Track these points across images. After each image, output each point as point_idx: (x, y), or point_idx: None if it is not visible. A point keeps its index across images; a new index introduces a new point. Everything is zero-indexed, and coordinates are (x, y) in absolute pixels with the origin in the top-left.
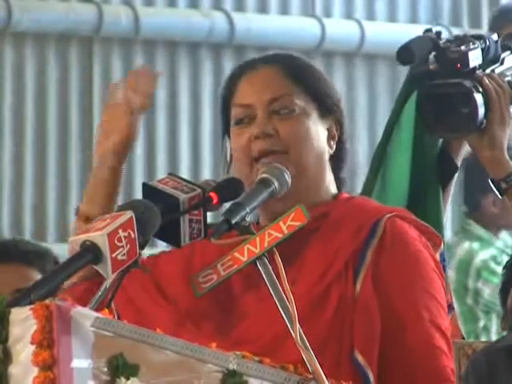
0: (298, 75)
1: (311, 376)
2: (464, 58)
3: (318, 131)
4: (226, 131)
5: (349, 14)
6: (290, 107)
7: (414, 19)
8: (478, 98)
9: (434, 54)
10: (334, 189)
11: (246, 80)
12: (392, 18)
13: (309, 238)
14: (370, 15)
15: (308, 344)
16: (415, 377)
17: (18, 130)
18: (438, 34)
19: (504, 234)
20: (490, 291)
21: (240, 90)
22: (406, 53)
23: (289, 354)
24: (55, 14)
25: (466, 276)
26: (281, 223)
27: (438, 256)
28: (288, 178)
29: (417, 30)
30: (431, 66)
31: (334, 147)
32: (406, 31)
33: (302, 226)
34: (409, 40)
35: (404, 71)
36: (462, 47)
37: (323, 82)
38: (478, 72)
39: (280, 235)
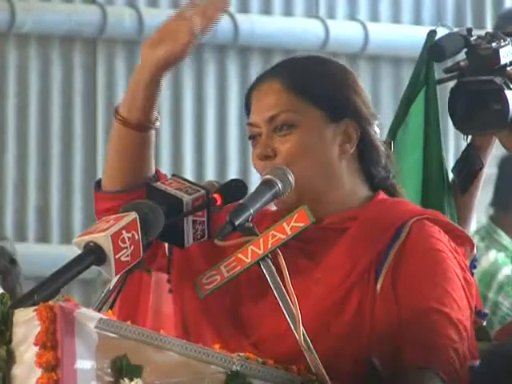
0: (298, 84)
1: (314, 377)
2: (495, 54)
3: (324, 140)
4: None
5: (352, 16)
6: (290, 123)
7: (417, 20)
8: (509, 94)
9: (465, 50)
10: (365, 191)
11: (254, 97)
12: (396, 19)
13: (337, 238)
14: (374, 16)
15: (311, 346)
16: (409, 356)
17: (22, 131)
18: (469, 30)
19: None
20: (509, 305)
21: (251, 107)
22: (437, 50)
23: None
24: (59, 15)
25: (488, 288)
26: (284, 224)
27: (468, 262)
28: (291, 179)
29: (420, 32)
30: (462, 63)
31: (353, 148)
32: (410, 32)
33: (305, 227)
34: (440, 37)
35: (408, 73)
36: (493, 44)
37: (331, 86)
38: (509, 69)
39: (283, 236)
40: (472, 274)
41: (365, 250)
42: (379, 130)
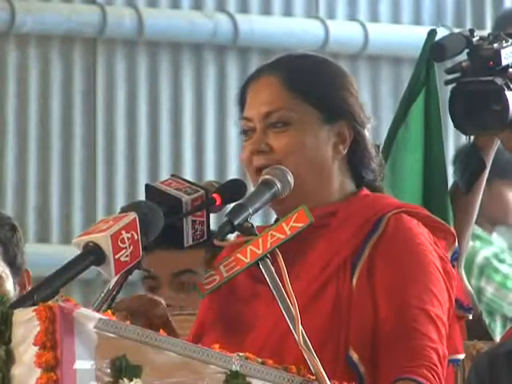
0: (298, 83)
1: (314, 377)
2: (496, 55)
3: (319, 140)
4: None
5: (352, 16)
6: (285, 120)
7: (417, 21)
8: (510, 95)
9: (466, 51)
10: (350, 188)
11: (250, 90)
12: (395, 19)
13: (316, 235)
14: (374, 17)
15: (310, 345)
16: (390, 358)
17: (22, 131)
18: (472, 31)
19: (495, 237)
20: (492, 290)
21: (247, 101)
22: (438, 50)
23: (291, 354)
24: (59, 15)
25: (469, 274)
26: (283, 224)
27: (449, 254)
28: (291, 179)
29: (420, 32)
30: (464, 64)
31: (346, 150)
32: (410, 33)
33: (304, 227)
34: (442, 37)
35: (408, 73)
36: (495, 45)
37: (329, 88)
38: (511, 70)
39: (283, 236)
40: (453, 266)
41: (342, 244)
42: (369, 133)
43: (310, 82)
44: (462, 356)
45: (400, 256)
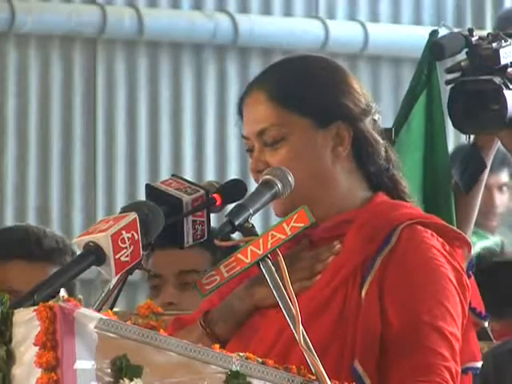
0: (284, 97)
1: (314, 377)
2: (495, 55)
3: (315, 147)
4: None
5: (352, 16)
6: (278, 136)
7: (417, 21)
8: (508, 94)
9: (466, 50)
10: (362, 191)
11: (245, 106)
12: (395, 19)
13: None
14: (374, 17)
15: (311, 346)
16: (401, 373)
17: (22, 132)
18: (471, 31)
19: (497, 237)
20: None
21: (243, 119)
22: (437, 49)
23: (297, 359)
24: (59, 15)
25: None
26: (284, 225)
27: (465, 264)
28: (291, 179)
29: (420, 32)
30: (463, 63)
31: (347, 150)
32: (410, 33)
33: (305, 227)
34: (441, 36)
35: (408, 73)
36: (494, 44)
37: (316, 93)
38: (509, 70)
39: (283, 236)
40: (469, 276)
41: (351, 255)
42: (378, 116)
43: (295, 92)
44: (479, 363)
45: (412, 270)
